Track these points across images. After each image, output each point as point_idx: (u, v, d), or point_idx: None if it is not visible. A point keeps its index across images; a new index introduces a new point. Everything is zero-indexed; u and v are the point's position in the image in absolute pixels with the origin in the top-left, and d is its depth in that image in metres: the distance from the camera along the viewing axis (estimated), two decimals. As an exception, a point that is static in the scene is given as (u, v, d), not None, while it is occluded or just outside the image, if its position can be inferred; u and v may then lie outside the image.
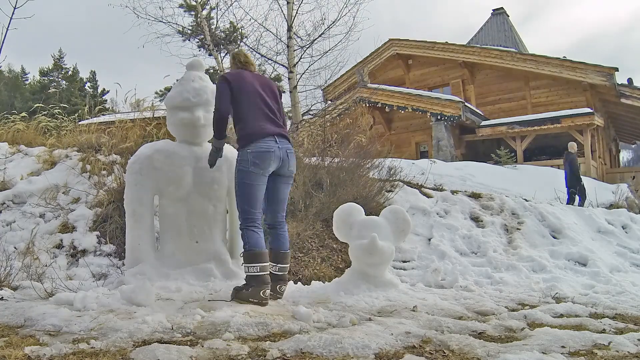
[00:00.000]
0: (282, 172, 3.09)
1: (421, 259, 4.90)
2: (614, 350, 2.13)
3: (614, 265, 5.13)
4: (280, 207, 3.18)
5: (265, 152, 2.94)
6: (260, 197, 3.00)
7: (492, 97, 16.50)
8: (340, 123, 9.16)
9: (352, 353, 2.01)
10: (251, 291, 2.81)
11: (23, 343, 2.01)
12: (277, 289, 3.06)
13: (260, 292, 2.80)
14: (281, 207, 3.19)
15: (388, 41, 18.03)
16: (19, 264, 3.64)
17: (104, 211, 4.33)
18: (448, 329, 2.50)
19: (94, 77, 37.06)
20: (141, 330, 2.21)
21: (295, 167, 3.21)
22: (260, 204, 3.02)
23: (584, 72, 14.18)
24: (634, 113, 15.36)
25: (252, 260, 2.87)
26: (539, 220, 5.95)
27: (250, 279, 2.87)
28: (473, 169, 9.52)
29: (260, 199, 3.01)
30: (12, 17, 5.22)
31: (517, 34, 21.21)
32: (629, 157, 42.04)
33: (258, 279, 2.84)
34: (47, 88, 31.15)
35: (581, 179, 8.42)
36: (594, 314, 3.09)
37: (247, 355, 1.96)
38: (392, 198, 5.81)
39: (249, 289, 2.83)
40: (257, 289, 2.81)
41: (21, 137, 5.81)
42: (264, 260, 2.90)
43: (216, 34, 10.22)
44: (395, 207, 3.83)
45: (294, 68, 9.53)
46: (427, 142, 15.59)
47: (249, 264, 2.88)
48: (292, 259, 4.31)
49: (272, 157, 2.96)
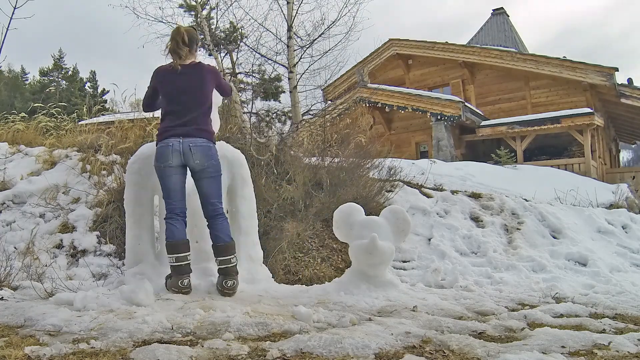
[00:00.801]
0: (191, 166, 3.13)
1: (421, 259, 4.90)
2: (614, 350, 2.13)
3: (614, 265, 5.13)
4: (207, 201, 3.17)
5: (163, 147, 3.10)
6: (172, 187, 3.10)
7: (492, 97, 16.49)
8: (340, 123, 9.16)
9: (352, 353, 2.01)
10: (172, 281, 3.01)
11: (23, 343, 2.01)
12: (223, 284, 3.04)
13: (179, 282, 2.97)
14: (206, 201, 3.17)
15: (388, 41, 18.02)
16: (19, 264, 3.64)
17: (104, 211, 4.33)
18: (448, 329, 2.49)
19: (94, 77, 37.09)
20: (141, 330, 2.21)
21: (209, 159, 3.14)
22: (175, 195, 3.11)
23: (584, 72, 14.17)
24: (634, 113, 15.36)
25: (169, 251, 3.04)
26: (539, 220, 5.95)
27: (171, 268, 3.04)
28: (473, 169, 9.51)
29: (172, 189, 3.10)
30: (12, 17, 5.21)
31: (517, 34, 21.20)
32: (629, 157, 42.06)
33: (176, 269, 3.01)
34: (47, 88, 31.18)
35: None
36: (594, 314, 3.09)
37: (247, 355, 1.96)
38: (392, 198, 5.82)
39: (171, 278, 3.03)
40: (176, 278, 2.99)
41: (21, 137, 5.81)
42: (179, 250, 3.02)
43: (216, 34, 10.22)
44: (395, 207, 3.83)
45: (294, 68, 9.53)
46: (427, 142, 15.59)
47: (168, 254, 3.05)
48: (292, 259, 4.31)
49: (171, 151, 3.07)
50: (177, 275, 2.99)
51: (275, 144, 5.58)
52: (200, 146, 3.12)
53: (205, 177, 3.16)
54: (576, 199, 7.50)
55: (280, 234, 4.42)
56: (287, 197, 4.86)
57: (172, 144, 3.07)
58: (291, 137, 6.34)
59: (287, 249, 4.33)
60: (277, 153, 5.43)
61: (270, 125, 7.30)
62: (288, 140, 6.02)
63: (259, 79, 11.33)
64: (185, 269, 3.02)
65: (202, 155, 3.12)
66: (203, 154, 3.13)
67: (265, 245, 4.01)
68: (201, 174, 3.15)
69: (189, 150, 3.09)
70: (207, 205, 3.18)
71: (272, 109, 10.90)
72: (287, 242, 4.36)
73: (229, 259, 3.10)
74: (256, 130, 5.91)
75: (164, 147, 3.10)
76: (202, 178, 3.16)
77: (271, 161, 5.28)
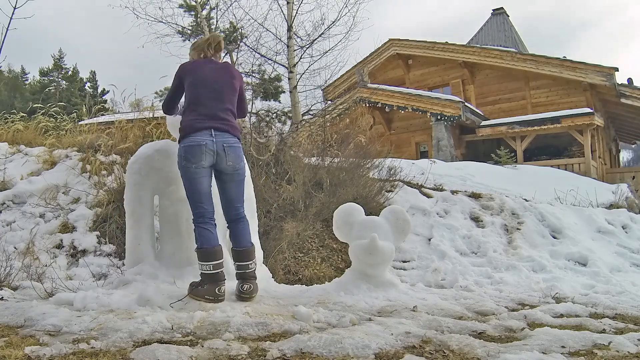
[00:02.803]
0: (222, 167, 2.97)
1: (421, 259, 4.90)
2: (614, 350, 2.13)
3: (614, 265, 5.13)
4: (230, 205, 3.07)
5: (195, 146, 2.87)
6: (203, 189, 2.91)
7: (492, 97, 16.49)
8: (340, 123, 9.16)
9: (352, 353, 2.01)
10: (207, 288, 2.78)
11: (23, 343, 2.01)
12: (240, 289, 2.93)
13: (216, 289, 2.78)
14: (232, 205, 3.06)
15: (388, 41, 18.02)
16: (19, 264, 3.64)
17: (104, 211, 4.34)
18: (448, 329, 2.49)
19: (94, 77, 37.07)
20: (141, 330, 2.21)
21: (240, 161, 3.03)
22: (206, 198, 2.93)
23: (584, 72, 14.17)
24: (634, 113, 15.35)
25: (204, 259, 2.85)
26: (539, 220, 5.95)
27: (204, 277, 2.84)
28: (473, 169, 9.51)
29: (203, 192, 2.92)
30: (12, 17, 5.21)
31: (517, 34, 21.20)
32: (629, 157, 42.00)
33: (211, 277, 2.82)
34: (47, 88, 31.19)
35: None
36: (594, 314, 3.09)
37: (247, 355, 1.96)
38: (392, 198, 5.82)
39: (204, 286, 2.79)
40: (212, 286, 2.78)
41: (21, 137, 5.82)
42: (215, 258, 2.85)
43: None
44: (395, 207, 3.83)
45: (294, 68, 9.53)
46: (427, 142, 15.58)
47: (201, 262, 2.85)
48: (292, 259, 4.31)
49: (204, 151, 2.87)
50: (213, 283, 2.80)
51: (275, 144, 5.58)
52: (233, 147, 2.97)
53: (234, 180, 3.04)
54: (576, 199, 7.49)
55: (280, 234, 4.42)
56: (287, 197, 4.86)
57: (205, 143, 2.87)
58: (291, 137, 6.34)
59: (287, 249, 4.33)
60: (277, 153, 5.44)
61: (270, 125, 7.29)
62: (288, 140, 6.02)
63: (259, 79, 11.34)
64: (222, 276, 2.86)
65: (235, 157, 2.98)
66: (236, 155, 2.99)
67: (265, 245, 4.02)
68: (230, 176, 3.02)
69: (223, 151, 2.91)
70: (230, 209, 3.07)
71: (272, 109, 10.91)
72: (287, 242, 4.36)
73: (249, 264, 3.00)
74: (256, 130, 5.90)
75: (195, 146, 2.87)
76: (230, 181, 3.03)
77: (271, 161, 5.28)
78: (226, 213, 3.11)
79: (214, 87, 2.99)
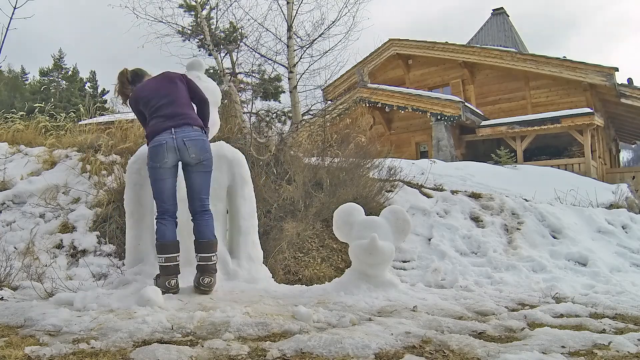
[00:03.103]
0: (186, 160, 3.09)
1: (421, 259, 4.90)
2: (614, 350, 2.13)
3: (614, 265, 5.13)
4: (194, 197, 3.16)
5: (157, 146, 3.04)
6: (165, 189, 3.09)
7: (492, 97, 16.48)
8: (340, 123, 9.16)
9: (352, 353, 2.01)
10: (160, 280, 3.01)
11: (23, 343, 2.01)
12: (199, 281, 3.02)
13: (166, 282, 2.98)
14: (196, 196, 3.16)
15: (388, 41, 18.01)
16: (19, 264, 3.65)
17: (104, 211, 4.34)
18: (448, 329, 2.49)
19: (94, 77, 37.06)
20: (141, 330, 2.21)
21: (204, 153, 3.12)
22: (168, 197, 3.10)
23: (584, 72, 14.17)
24: (634, 113, 15.35)
25: (159, 252, 3.04)
26: (539, 220, 5.95)
27: (160, 268, 3.04)
28: (473, 169, 9.51)
29: (166, 192, 3.09)
30: (12, 17, 5.21)
31: (517, 34, 21.20)
32: (629, 157, 41.98)
33: (164, 269, 3.01)
34: (47, 88, 31.18)
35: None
36: (594, 314, 3.09)
37: (247, 355, 1.96)
38: (392, 198, 5.82)
39: (158, 279, 3.04)
40: (163, 278, 3.00)
41: (21, 137, 5.82)
42: (169, 251, 3.02)
43: (216, 34, 10.22)
44: (395, 207, 3.83)
45: (294, 68, 9.52)
46: (427, 142, 15.57)
47: (158, 254, 3.05)
48: (292, 259, 4.31)
49: (165, 149, 3.02)
50: (165, 276, 3.00)
51: (275, 144, 5.58)
52: (194, 140, 3.09)
53: (199, 171, 3.14)
54: (576, 199, 7.49)
55: (280, 234, 4.42)
56: (287, 197, 4.86)
57: (165, 142, 3.02)
58: (291, 137, 6.33)
59: (287, 249, 4.33)
60: (277, 153, 5.43)
61: (270, 125, 7.29)
62: (288, 140, 6.01)
63: (258, 79, 11.33)
64: (174, 270, 3.02)
65: (197, 149, 3.09)
66: (198, 147, 3.10)
67: (265, 245, 4.01)
68: (195, 167, 3.13)
69: (183, 145, 3.05)
70: (195, 200, 3.16)
71: (272, 109, 10.89)
72: (287, 242, 4.36)
73: (210, 256, 3.10)
74: (256, 130, 5.91)
75: (157, 146, 3.05)
76: (195, 172, 3.14)
77: (271, 161, 5.28)
78: (191, 205, 3.19)
79: (161, 95, 3.18)
